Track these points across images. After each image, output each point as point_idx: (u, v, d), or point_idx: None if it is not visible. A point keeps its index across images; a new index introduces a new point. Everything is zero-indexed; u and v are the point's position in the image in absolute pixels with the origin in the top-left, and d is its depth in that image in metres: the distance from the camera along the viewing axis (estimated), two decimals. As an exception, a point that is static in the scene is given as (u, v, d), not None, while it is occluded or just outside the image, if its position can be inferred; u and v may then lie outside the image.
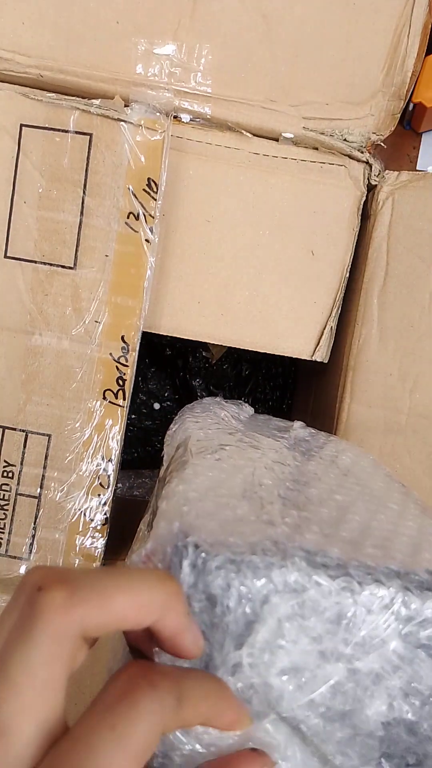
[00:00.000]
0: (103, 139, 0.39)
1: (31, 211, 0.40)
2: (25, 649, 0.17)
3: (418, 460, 0.43)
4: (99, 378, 0.41)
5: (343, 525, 0.24)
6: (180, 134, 0.41)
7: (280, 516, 0.23)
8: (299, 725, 0.21)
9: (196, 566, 0.20)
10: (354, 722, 0.21)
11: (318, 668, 0.20)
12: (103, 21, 0.40)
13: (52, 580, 0.17)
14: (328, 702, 0.21)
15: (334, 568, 0.21)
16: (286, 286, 0.43)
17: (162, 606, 0.18)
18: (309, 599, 0.20)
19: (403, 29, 0.40)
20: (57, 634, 0.17)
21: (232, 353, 0.66)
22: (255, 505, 0.24)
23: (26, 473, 0.42)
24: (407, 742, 0.21)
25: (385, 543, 0.23)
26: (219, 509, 0.23)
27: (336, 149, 0.42)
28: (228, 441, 0.32)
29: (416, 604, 0.20)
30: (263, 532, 0.22)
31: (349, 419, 0.44)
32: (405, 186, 0.42)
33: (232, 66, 0.40)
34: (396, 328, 0.43)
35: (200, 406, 0.41)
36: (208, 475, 0.26)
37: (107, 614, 0.17)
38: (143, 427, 0.66)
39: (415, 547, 0.23)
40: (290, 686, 0.20)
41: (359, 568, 0.21)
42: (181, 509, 0.22)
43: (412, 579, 0.21)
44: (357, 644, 0.20)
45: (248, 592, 0.20)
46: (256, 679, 0.20)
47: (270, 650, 0.20)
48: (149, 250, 0.40)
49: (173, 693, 0.17)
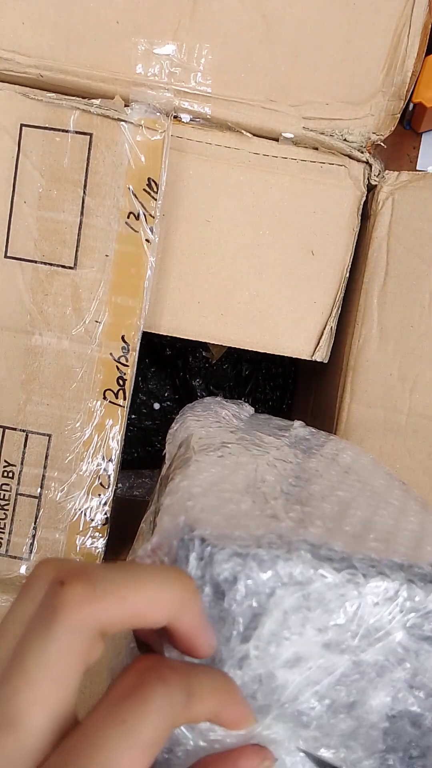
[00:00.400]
0: (103, 138, 0.39)
1: (31, 211, 0.40)
2: (43, 642, 0.17)
3: (418, 460, 0.43)
4: (99, 378, 0.41)
5: (345, 520, 0.24)
6: (180, 134, 0.41)
7: (284, 511, 0.23)
8: (302, 718, 0.21)
9: (203, 559, 0.20)
10: (358, 714, 0.21)
11: (323, 660, 0.20)
12: (103, 21, 0.40)
13: (74, 574, 0.17)
14: (332, 694, 0.21)
15: (339, 560, 0.21)
16: (286, 286, 0.43)
17: (180, 604, 0.18)
18: (314, 591, 0.20)
19: (403, 29, 0.40)
20: (76, 628, 0.17)
21: (232, 353, 0.66)
22: (258, 501, 0.24)
23: (26, 473, 0.42)
24: (411, 735, 0.21)
25: (387, 537, 0.23)
26: (223, 504, 0.23)
27: (336, 149, 0.42)
28: (230, 439, 0.32)
29: (420, 597, 0.21)
30: (268, 526, 0.22)
31: (349, 419, 0.44)
32: (405, 186, 0.42)
33: (232, 66, 0.40)
34: (396, 328, 0.43)
35: (201, 405, 0.41)
36: (211, 471, 0.26)
37: (126, 611, 0.17)
38: (143, 427, 0.66)
39: (417, 541, 0.23)
40: (295, 678, 0.20)
41: (363, 561, 0.21)
42: (186, 504, 0.22)
43: (416, 572, 0.21)
44: (362, 636, 0.20)
45: (254, 584, 0.20)
46: (262, 671, 0.20)
47: (276, 642, 0.20)
48: (149, 250, 0.40)
49: (183, 688, 0.17)
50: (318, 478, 0.28)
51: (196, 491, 0.24)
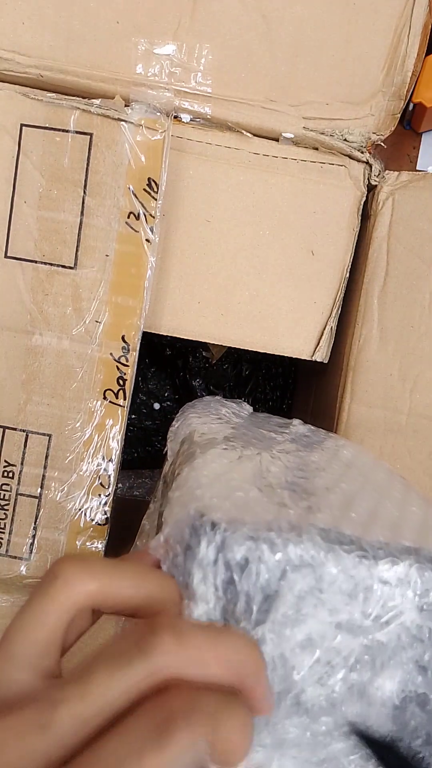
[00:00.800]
0: (103, 138, 0.39)
1: (31, 210, 0.40)
2: (36, 597, 0.19)
3: (418, 460, 0.44)
4: (99, 378, 0.41)
5: (351, 509, 0.24)
6: (180, 134, 0.41)
7: (291, 499, 0.23)
8: (318, 700, 0.21)
9: (215, 544, 0.20)
10: (369, 696, 0.21)
11: (335, 641, 0.21)
12: (103, 21, 0.40)
13: (72, 557, 0.20)
14: (345, 675, 0.21)
15: (349, 543, 0.21)
16: (286, 286, 0.43)
17: (160, 597, 0.20)
18: (325, 573, 0.20)
19: (403, 29, 0.40)
20: (63, 590, 0.19)
21: (232, 353, 0.66)
22: (266, 490, 0.24)
23: (26, 473, 0.42)
24: (420, 718, 0.21)
25: (393, 525, 0.23)
26: (231, 492, 0.23)
27: (336, 149, 0.42)
28: (231, 434, 0.32)
29: (430, 578, 0.21)
30: (277, 513, 0.22)
31: (349, 419, 0.44)
32: (405, 186, 0.42)
33: (232, 66, 0.40)
34: (396, 328, 0.43)
35: (201, 403, 0.42)
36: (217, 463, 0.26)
37: (111, 591, 0.19)
38: (143, 427, 0.66)
39: (423, 529, 0.23)
40: (308, 659, 0.21)
41: (373, 544, 0.21)
42: (195, 493, 0.23)
43: (425, 554, 0.21)
44: (375, 617, 0.21)
45: (266, 567, 0.20)
46: (276, 653, 0.21)
47: (290, 624, 0.20)
48: (150, 250, 0.40)
49: (208, 734, 0.17)
50: (321, 471, 0.29)
51: (204, 481, 0.24)
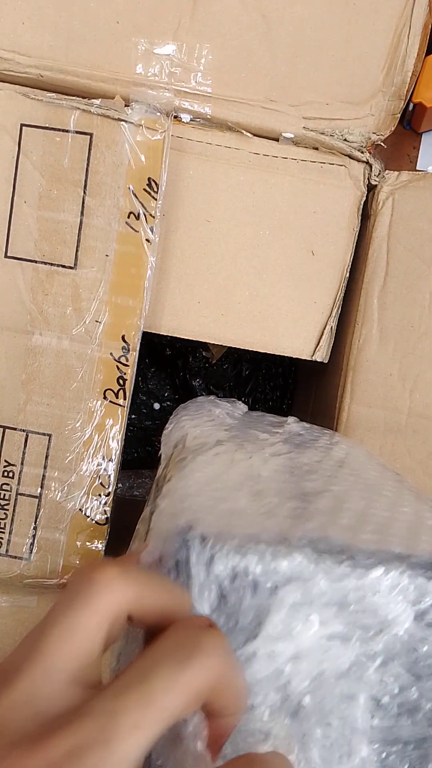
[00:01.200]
0: (103, 138, 0.39)
1: (31, 210, 0.40)
2: (73, 604, 0.19)
3: (418, 460, 0.44)
4: (99, 378, 0.41)
5: (341, 513, 0.24)
6: (180, 134, 0.41)
7: (279, 507, 0.23)
8: (304, 710, 0.21)
9: (203, 559, 0.20)
10: (362, 705, 0.21)
11: (328, 652, 0.21)
12: (103, 21, 0.40)
13: (109, 561, 0.20)
14: (338, 686, 0.21)
15: (338, 553, 0.21)
16: (286, 286, 0.43)
17: (183, 608, 0.20)
18: (315, 585, 0.20)
19: (403, 29, 0.40)
20: (105, 596, 0.19)
21: (232, 353, 0.66)
22: (255, 498, 0.24)
23: (27, 473, 0.42)
24: (411, 724, 0.21)
25: (382, 529, 0.23)
26: (220, 502, 0.23)
27: (336, 149, 0.42)
28: (224, 437, 0.32)
29: (422, 585, 0.21)
30: (265, 523, 0.22)
31: (349, 419, 0.44)
32: (405, 186, 0.42)
33: (232, 66, 0.40)
34: (396, 328, 0.43)
35: (194, 404, 0.42)
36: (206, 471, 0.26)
37: (147, 599, 0.19)
38: (143, 427, 0.66)
39: (412, 532, 0.23)
40: (300, 671, 0.20)
41: (362, 552, 0.21)
42: (182, 505, 0.23)
43: (414, 561, 0.21)
44: (365, 626, 0.21)
45: (256, 581, 0.20)
46: (269, 667, 0.20)
47: (281, 638, 0.20)
48: (150, 250, 0.40)
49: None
50: (312, 473, 0.29)
51: (191, 491, 0.24)
